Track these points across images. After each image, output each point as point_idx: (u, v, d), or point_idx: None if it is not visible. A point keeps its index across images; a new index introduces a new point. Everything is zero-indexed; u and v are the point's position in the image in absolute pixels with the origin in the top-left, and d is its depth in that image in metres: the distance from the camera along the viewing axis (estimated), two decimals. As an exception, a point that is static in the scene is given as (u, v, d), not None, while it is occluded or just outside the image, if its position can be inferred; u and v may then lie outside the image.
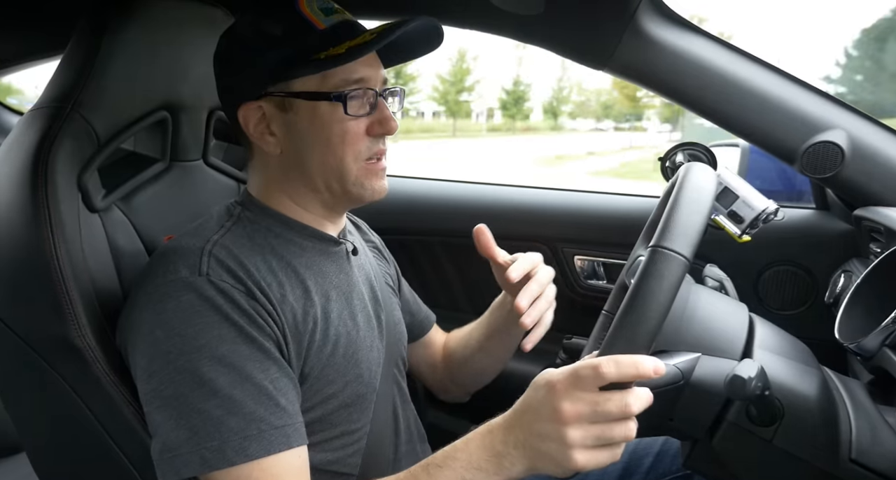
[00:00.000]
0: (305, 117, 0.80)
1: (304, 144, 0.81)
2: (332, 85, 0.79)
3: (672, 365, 0.74)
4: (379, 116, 0.82)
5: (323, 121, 0.80)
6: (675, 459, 1.06)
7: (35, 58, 1.45)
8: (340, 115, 0.80)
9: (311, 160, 0.82)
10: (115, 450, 0.82)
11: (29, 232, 0.78)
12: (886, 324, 0.83)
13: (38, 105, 0.88)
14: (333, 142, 0.81)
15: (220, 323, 0.72)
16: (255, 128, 0.82)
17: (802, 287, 1.36)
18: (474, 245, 0.96)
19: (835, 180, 1.15)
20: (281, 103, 0.81)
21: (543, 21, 1.19)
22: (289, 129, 0.82)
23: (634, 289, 0.65)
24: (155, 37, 0.91)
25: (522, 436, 0.66)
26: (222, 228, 0.82)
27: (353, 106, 0.80)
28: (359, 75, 0.80)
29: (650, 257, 0.66)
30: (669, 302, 0.65)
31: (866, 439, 0.74)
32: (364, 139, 0.82)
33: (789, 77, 1.19)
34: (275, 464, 0.71)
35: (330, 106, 0.79)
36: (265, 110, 0.81)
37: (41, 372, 0.82)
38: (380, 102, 0.82)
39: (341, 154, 0.81)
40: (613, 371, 0.61)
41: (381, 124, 0.82)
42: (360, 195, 0.84)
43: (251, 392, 0.72)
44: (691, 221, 0.69)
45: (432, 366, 1.16)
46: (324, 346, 0.82)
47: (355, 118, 0.80)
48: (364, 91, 0.81)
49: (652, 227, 1.01)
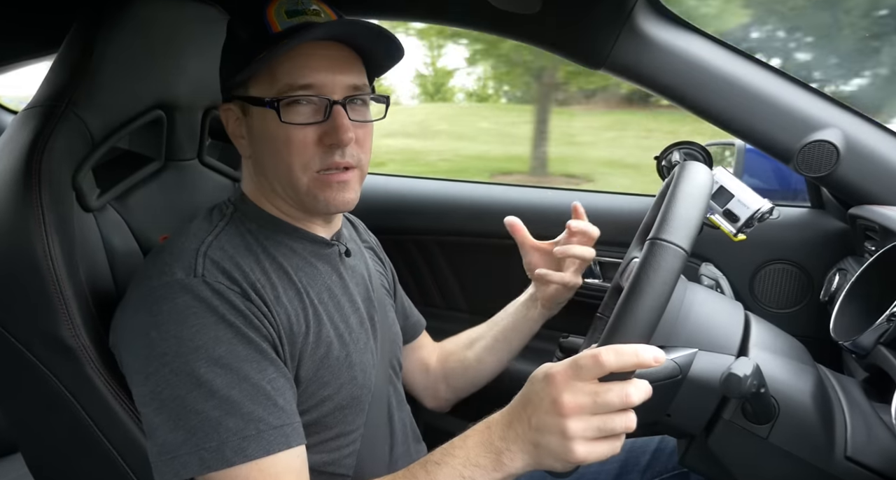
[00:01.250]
0: (258, 122, 0.80)
1: (262, 150, 0.81)
2: (276, 89, 0.77)
3: (670, 360, 0.74)
4: (330, 126, 0.77)
5: (268, 128, 0.78)
6: (671, 457, 1.07)
7: (29, 57, 1.45)
8: (279, 122, 0.77)
9: (268, 166, 0.81)
10: (110, 450, 0.82)
11: (22, 231, 0.78)
12: (881, 322, 0.83)
13: (32, 104, 0.87)
14: (279, 150, 0.78)
15: (216, 324, 0.72)
16: (233, 129, 0.83)
17: (798, 285, 1.36)
18: (469, 243, 0.97)
19: (830, 179, 1.15)
20: (242, 106, 0.81)
21: (540, 20, 1.19)
22: (250, 133, 0.82)
23: (634, 280, 0.65)
24: (150, 36, 0.91)
25: (522, 431, 0.66)
26: (216, 228, 0.81)
27: (294, 113, 0.77)
28: (307, 80, 0.76)
29: (649, 249, 0.67)
30: (669, 293, 0.65)
31: (861, 436, 0.75)
32: (311, 148, 0.78)
33: (785, 76, 1.19)
34: (274, 464, 0.71)
35: (272, 112, 0.77)
36: (234, 113, 0.83)
37: (35, 372, 0.81)
38: (335, 111, 0.77)
39: (288, 162, 0.79)
40: (613, 360, 0.61)
41: (330, 135, 0.77)
42: (314, 206, 0.81)
43: (249, 392, 0.71)
44: (689, 215, 0.70)
45: (424, 369, 1.16)
46: (317, 348, 0.81)
47: (298, 126, 0.77)
48: (309, 99, 0.77)
49: (646, 229, 1.01)
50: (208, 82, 0.99)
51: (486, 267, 1.57)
